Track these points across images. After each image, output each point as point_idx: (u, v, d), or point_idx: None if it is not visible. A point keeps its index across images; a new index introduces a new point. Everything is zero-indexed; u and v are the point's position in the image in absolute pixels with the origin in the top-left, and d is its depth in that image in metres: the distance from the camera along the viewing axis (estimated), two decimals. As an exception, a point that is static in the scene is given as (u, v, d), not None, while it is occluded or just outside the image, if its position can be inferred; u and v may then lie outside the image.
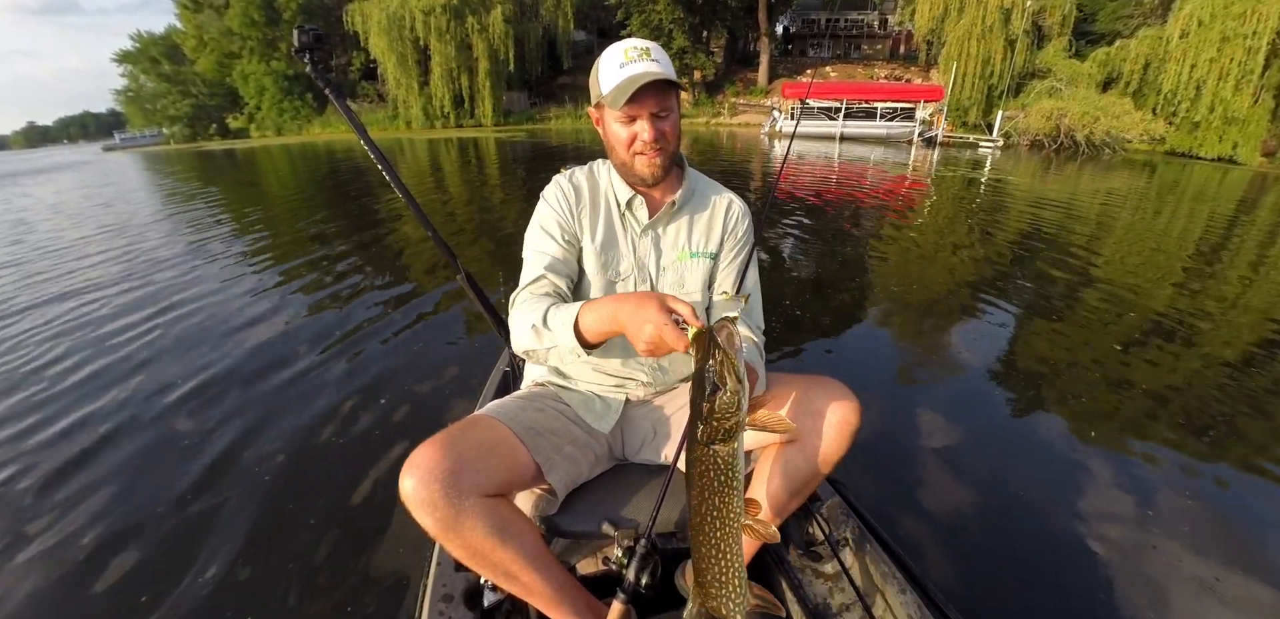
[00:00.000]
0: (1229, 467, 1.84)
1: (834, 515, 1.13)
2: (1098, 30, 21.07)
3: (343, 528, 1.55)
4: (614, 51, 0.88)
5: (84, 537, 1.55)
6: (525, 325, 0.83)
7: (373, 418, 2.10)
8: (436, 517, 0.70)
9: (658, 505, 0.84)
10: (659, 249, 0.98)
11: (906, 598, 0.94)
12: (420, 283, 3.75)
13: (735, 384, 0.58)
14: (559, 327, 0.78)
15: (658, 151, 0.89)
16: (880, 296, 3.49)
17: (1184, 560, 1.44)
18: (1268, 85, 14.80)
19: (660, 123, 0.88)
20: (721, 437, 0.61)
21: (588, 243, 0.95)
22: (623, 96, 0.83)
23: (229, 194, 9.06)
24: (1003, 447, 1.94)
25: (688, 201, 1.00)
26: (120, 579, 1.41)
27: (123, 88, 41.99)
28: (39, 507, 1.67)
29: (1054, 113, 17.24)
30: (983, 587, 1.36)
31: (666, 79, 0.84)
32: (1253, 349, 2.76)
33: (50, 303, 3.61)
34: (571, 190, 0.97)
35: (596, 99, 0.92)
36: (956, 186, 8.69)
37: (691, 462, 0.64)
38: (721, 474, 0.62)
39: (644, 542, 0.83)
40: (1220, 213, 6.95)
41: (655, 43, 0.90)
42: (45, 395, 2.36)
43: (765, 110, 23.61)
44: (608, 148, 0.95)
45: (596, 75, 0.91)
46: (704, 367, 0.60)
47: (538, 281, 0.91)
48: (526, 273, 0.93)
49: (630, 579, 0.81)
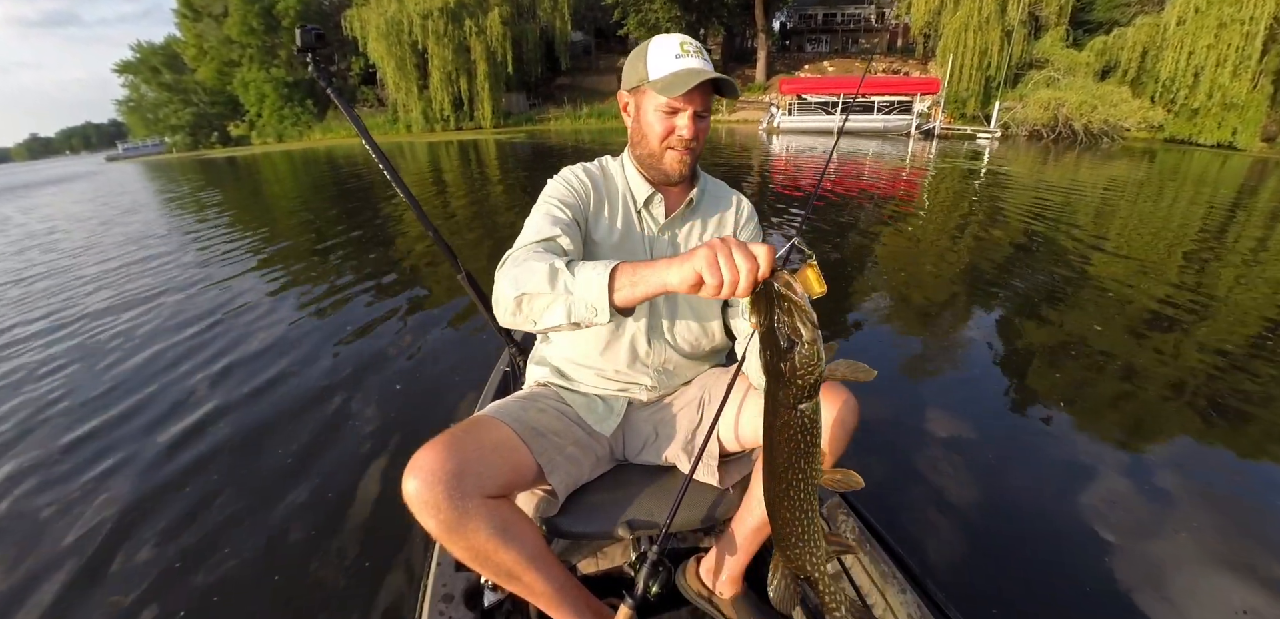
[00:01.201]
0: (1235, 456, 1.83)
1: (834, 515, 1.14)
2: (1095, 19, 21.00)
3: (343, 528, 1.56)
4: (668, 42, 0.86)
5: (82, 534, 1.57)
6: (538, 268, 0.68)
7: (372, 417, 2.11)
8: (440, 518, 0.70)
9: (671, 513, 0.83)
10: (675, 248, 0.97)
11: (906, 598, 0.95)
12: (421, 283, 3.77)
13: (811, 332, 0.53)
14: (587, 273, 0.64)
15: (690, 150, 0.88)
16: (878, 292, 3.49)
17: (1188, 554, 1.43)
18: (1266, 70, 14.74)
19: (700, 122, 0.88)
20: (807, 393, 0.55)
21: (603, 238, 0.93)
22: (677, 87, 0.81)
23: (233, 201, 9.09)
24: (1003, 443, 1.94)
25: (701, 202, 1.00)
26: (119, 579, 1.42)
27: (124, 98, 42.16)
28: (44, 500, 1.70)
29: (1052, 103, 17.21)
30: (983, 586, 1.35)
31: (724, 80, 0.83)
32: (1257, 336, 2.76)
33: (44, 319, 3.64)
34: (585, 180, 0.94)
35: (637, 82, 0.88)
36: (955, 179, 8.66)
37: (775, 429, 0.59)
38: (807, 433, 0.58)
39: (655, 549, 0.82)
40: (1221, 199, 6.92)
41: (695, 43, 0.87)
42: (34, 397, 2.39)
43: (763, 106, 23.59)
44: (635, 136, 0.92)
45: (644, 59, 0.86)
46: (772, 325, 0.54)
47: (547, 241, 0.80)
48: (529, 233, 0.82)
49: (640, 587, 0.80)
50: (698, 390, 1.02)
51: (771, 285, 0.55)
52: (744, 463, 0.98)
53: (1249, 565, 1.39)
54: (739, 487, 0.94)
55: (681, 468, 0.96)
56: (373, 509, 1.63)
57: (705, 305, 0.98)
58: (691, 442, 0.97)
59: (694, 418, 0.99)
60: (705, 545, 1.15)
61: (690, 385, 1.04)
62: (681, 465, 0.96)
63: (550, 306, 0.68)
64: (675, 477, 0.97)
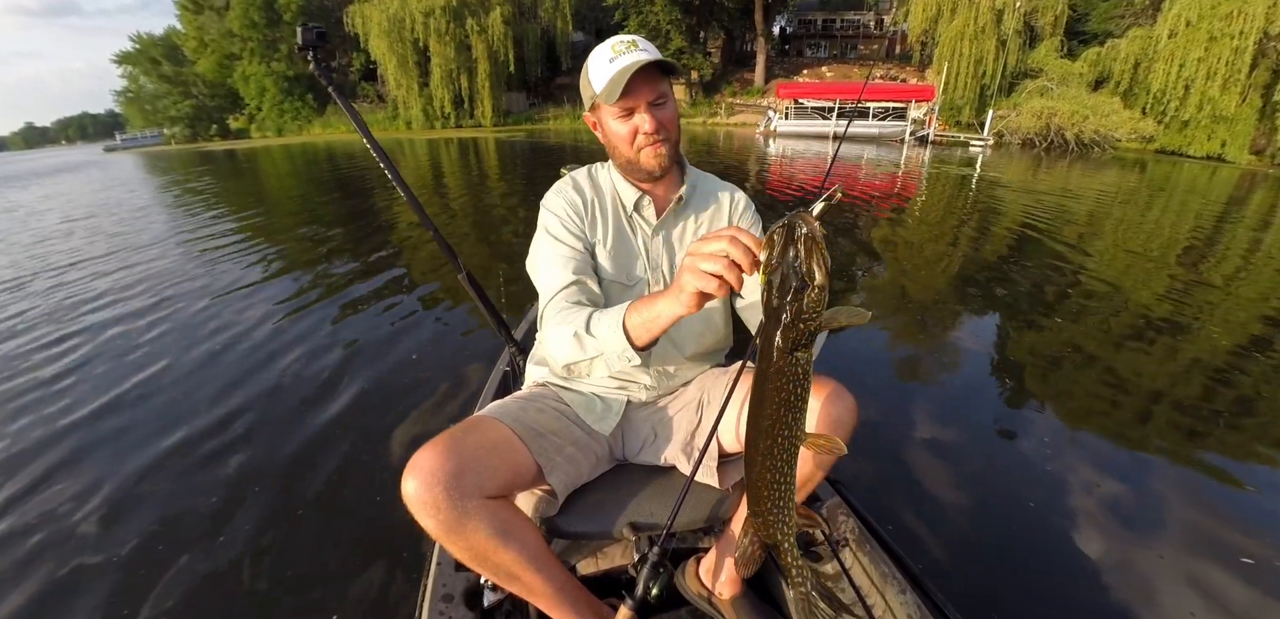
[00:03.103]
0: (1226, 457, 1.86)
1: (834, 515, 1.14)
2: (1090, 30, 21.25)
3: (342, 527, 1.56)
4: (601, 50, 0.86)
5: (79, 533, 1.56)
6: (565, 336, 0.78)
7: (372, 417, 2.11)
8: (439, 519, 0.70)
9: (673, 515, 0.83)
10: (670, 248, 0.97)
11: (906, 598, 0.95)
12: (421, 282, 3.76)
13: (824, 277, 0.50)
14: (605, 331, 0.73)
15: (661, 141, 0.87)
16: (875, 294, 3.52)
17: (1181, 555, 1.45)
18: (1255, 84, 14.96)
19: (659, 111, 0.86)
20: (805, 340, 0.52)
21: (599, 249, 0.94)
22: (616, 90, 0.81)
23: (233, 194, 9.02)
24: (1002, 443, 1.96)
25: (692, 197, 0.99)
26: (119, 577, 1.42)
27: (123, 89, 41.77)
28: (32, 493, 1.69)
29: (1044, 112, 17.41)
30: (983, 585, 1.35)
31: (657, 62, 0.82)
32: (1245, 343, 2.80)
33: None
34: (576, 196, 0.94)
35: (590, 101, 0.89)
36: (949, 185, 8.73)
37: (766, 377, 0.56)
38: (799, 385, 0.55)
39: (656, 550, 0.82)
40: (1210, 210, 7.02)
41: (641, 36, 0.88)
42: (27, 401, 2.36)
43: (761, 110, 23.72)
44: (610, 149, 0.92)
45: (587, 77, 0.88)
46: (786, 261, 0.51)
47: (569, 288, 0.86)
48: (551, 281, 0.88)
49: (640, 588, 0.81)
50: (697, 391, 1.03)
51: (795, 221, 0.51)
52: (743, 464, 0.98)
53: (1238, 564, 1.42)
54: (738, 487, 0.94)
55: (680, 468, 0.96)
56: (372, 509, 1.63)
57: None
58: (690, 442, 0.97)
59: (693, 418, 1.00)
60: (704, 546, 1.15)
61: (689, 386, 1.05)
62: (680, 465, 0.96)
63: (593, 366, 0.78)
64: (674, 477, 0.98)
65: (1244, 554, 1.46)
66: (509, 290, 3.52)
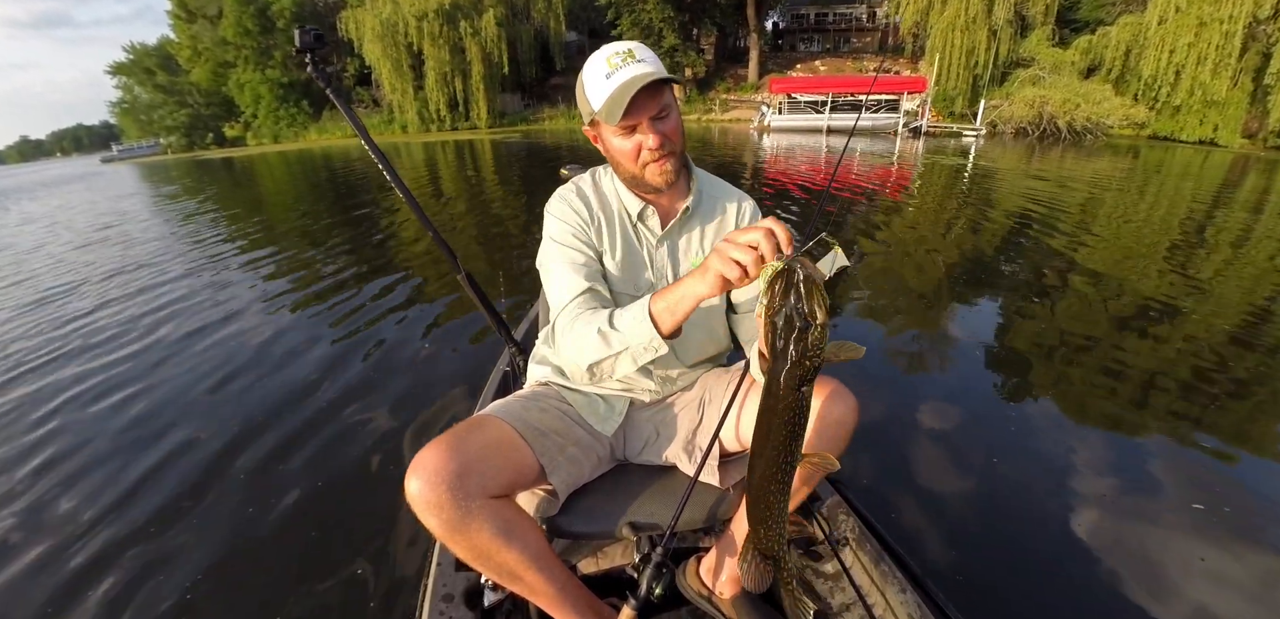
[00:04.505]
0: (1227, 444, 1.87)
1: (834, 515, 1.15)
2: (1081, 18, 21.29)
3: (342, 528, 1.56)
4: (596, 62, 0.82)
5: (79, 532, 1.56)
6: (589, 335, 0.77)
7: (372, 417, 2.11)
8: (443, 518, 0.70)
9: (676, 515, 0.83)
10: (676, 259, 0.95)
11: (906, 597, 0.95)
12: (420, 283, 3.75)
13: (825, 316, 0.54)
14: (630, 323, 0.73)
15: (666, 156, 0.84)
16: (872, 290, 3.52)
17: (1182, 546, 1.44)
18: (1246, 68, 15.04)
19: (662, 125, 0.83)
20: (811, 376, 0.56)
21: (607, 257, 0.92)
22: (618, 110, 0.77)
23: (232, 201, 8.98)
24: (1001, 440, 1.94)
25: (699, 206, 0.96)
26: (118, 576, 1.42)
27: (118, 99, 41.52)
28: (40, 492, 1.69)
29: (1036, 101, 17.47)
30: (983, 584, 1.34)
31: (658, 78, 0.78)
32: (1240, 326, 2.82)
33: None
34: (581, 203, 0.92)
35: (589, 117, 0.86)
36: (943, 176, 8.76)
37: (771, 412, 0.59)
38: (802, 416, 0.58)
39: (659, 550, 0.82)
40: (1203, 194, 7.06)
41: (638, 42, 0.83)
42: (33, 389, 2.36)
43: (755, 106, 23.72)
44: (613, 164, 0.90)
45: (583, 92, 0.85)
46: (788, 304, 0.54)
47: (583, 296, 0.85)
48: (564, 289, 0.86)
49: (643, 589, 0.81)
50: (699, 391, 1.03)
51: (794, 267, 0.55)
52: (744, 464, 0.99)
53: (1240, 551, 1.42)
54: (739, 487, 0.95)
55: (682, 468, 0.96)
56: (372, 509, 1.63)
57: (710, 310, 0.97)
58: (692, 442, 0.98)
59: (695, 418, 1.00)
60: (705, 545, 1.16)
61: (691, 387, 1.05)
62: (682, 465, 0.97)
63: (618, 363, 0.77)
64: (676, 477, 0.98)
65: (1245, 540, 1.45)
66: (509, 290, 3.53)
